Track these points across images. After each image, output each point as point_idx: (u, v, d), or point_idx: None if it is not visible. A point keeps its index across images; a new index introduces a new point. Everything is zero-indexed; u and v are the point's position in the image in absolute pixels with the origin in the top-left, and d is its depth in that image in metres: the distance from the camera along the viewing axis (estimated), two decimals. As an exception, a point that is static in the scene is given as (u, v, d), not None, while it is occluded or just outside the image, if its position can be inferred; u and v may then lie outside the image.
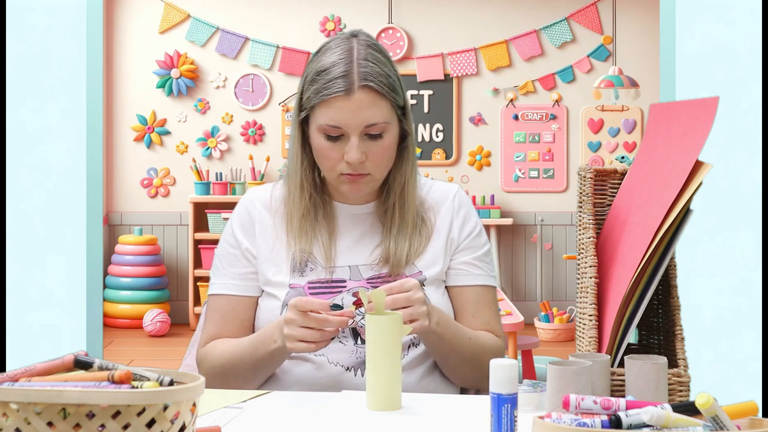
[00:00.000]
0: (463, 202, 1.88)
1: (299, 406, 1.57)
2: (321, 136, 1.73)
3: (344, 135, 1.72)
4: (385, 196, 1.83)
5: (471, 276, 1.84)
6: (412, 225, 1.81)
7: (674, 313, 1.51)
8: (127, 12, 6.98)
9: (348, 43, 1.74)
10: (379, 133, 1.72)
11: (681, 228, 1.47)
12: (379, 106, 1.71)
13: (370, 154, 1.73)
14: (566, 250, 7.01)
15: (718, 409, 1.09)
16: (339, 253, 1.80)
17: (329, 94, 1.70)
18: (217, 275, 1.85)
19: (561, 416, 1.13)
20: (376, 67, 1.72)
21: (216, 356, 1.77)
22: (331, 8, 6.98)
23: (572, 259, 6.74)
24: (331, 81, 1.70)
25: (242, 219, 1.86)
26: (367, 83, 1.70)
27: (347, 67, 1.70)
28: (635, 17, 6.93)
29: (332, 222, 1.82)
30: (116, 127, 7.01)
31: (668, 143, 1.54)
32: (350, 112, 1.70)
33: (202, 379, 1.12)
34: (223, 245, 1.86)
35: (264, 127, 7.01)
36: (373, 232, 1.83)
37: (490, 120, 7.03)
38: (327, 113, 1.71)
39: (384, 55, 1.76)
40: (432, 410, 1.54)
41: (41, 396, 1.04)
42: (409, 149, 1.81)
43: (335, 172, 1.75)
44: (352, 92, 1.69)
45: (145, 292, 6.63)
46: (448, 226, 1.85)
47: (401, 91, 1.76)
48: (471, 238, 1.85)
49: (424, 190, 1.88)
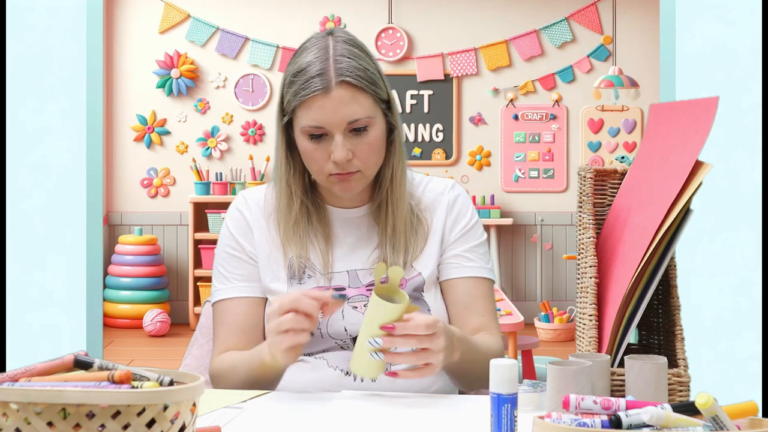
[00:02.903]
0: (458, 196, 1.83)
1: (299, 406, 1.57)
2: (305, 138, 1.68)
3: (328, 134, 1.67)
4: (376, 193, 1.79)
5: (463, 268, 1.78)
6: (406, 222, 1.76)
7: (674, 313, 1.51)
8: (127, 12, 6.98)
9: (324, 41, 1.69)
10: (363, 128, 1.67)
11: (681, 228, 1.47)
12: (359, 101, 1.66)
13: (356, 150, 1.68)
14: (566, 250, 7.02)
15: (718, 409, 1.09)
16: (336, 258, 1.77)
17: (307, 94, 1.64)
18: (222, 280, 1.79)
19: (561, 416, 1.13)
20: (353, 62, 1.66)
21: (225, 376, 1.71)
22: (331, 8, 6.98)
23: (572, 259, 6.74)
24: (308, 80, 1.65)
25: (239, 222, 1.81)
26: (344, 78, 1.64)
27: (323, 65, 1.65)
28: (635, 17, 6.93)
29: (327, 227, 1.78)
30: (116, 127, 7.01)
31: (668, 143, 1.54)
32: (330, 111, 1.64)
33: (202, 379, 1.12)
34: (224, 250, 1.81)
35: (264, 127, 7.01)
36: (369, 234, 1.79)
37: (490, 120, 7.03)
38: (308, 114, 1.66)
39: (361, 49, 1.71)
40: (432, 410, 1.54)
41: (41, 396, 1.04)
42: (396, 142, 1.76)
43: (324, 173, 1.70)
44: (330, 89, 1.64)
45: (145, 292, 6.63)
46: (442, 224, 1.80)
47: (383, 84, 1.71)
48: (463, 232, 1.80)
49: (420, 188, 1.83)
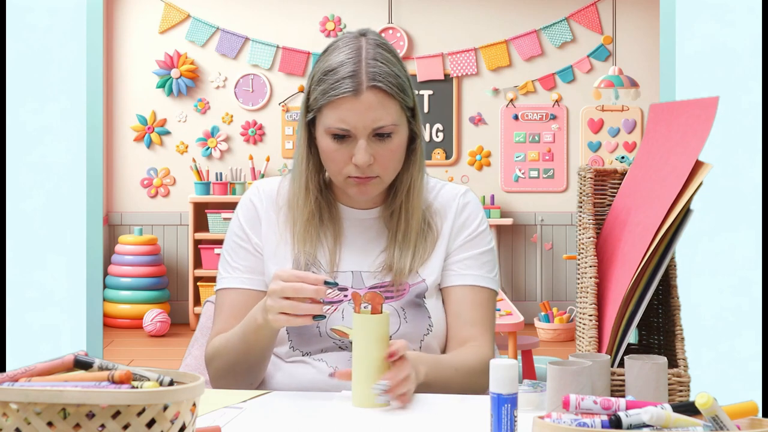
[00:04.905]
0: (468, 203, 1.82)
1: (299, 406, 1.57)
2: (328, 137, 1.68)
3: (351, 136, 1.67)
4: (391, 199, 1.78)
5: (459, 276, 1.77)
6: (417, 230, 1.76)
7: (674, 313, 1.51)
8: (127, 12, 6.98)
9: (356, 42, 1.69)
10: (387, 134, 1.67)
11: (681, 228, 1.47)
12: (387, 107, 1.66)
13: (378, 156, 1.68)
14: (566, 250, 7.01)
15: (718, 409, 1.09)
16: (343, 258, 1.77)
17: (336, 94, 1.64)
18: (227, 269, 1.80)
19: (561, 416, 1.13)
20: (385, 67, 1.66)
21: (218, 352, 1.72)
22: (331, 8, 6.98)
23: (572, 259, 6.74)
24: (338, 81, 1.65)
25: (249, 213, 1.81)
26: (376, 84, 1.65)
27: (355, 67, 1.65)
28: (635, 17, 6.93)
29: (338, 225, 1.78)
30: (116, 127, 7.01)
31: (668, 143, 1.54)
32: (358, 114, 1.64)
33: (202, 379, 1.12)
34: (232, 238, 1.81)
35: (264, 127, 7.01)
36: (378, 237, 1.78)
37: (490, 120, 7.03)
38: (334, 114, 1.65)
39: (393, 54, 1.71)
40: (432, 410, 1.54)
41: (41, 396, 1.04)
42: (417, 151, 1.77)
43: (342, 174, 1.70)
44: (360, 93, 1.64)
45: (145, 292, 6.62)
46: (450, 229, 1.80)
47: (410, 92, 1.71)
48: (469, 238, 1.80)
49: (432, 193, 1.83)
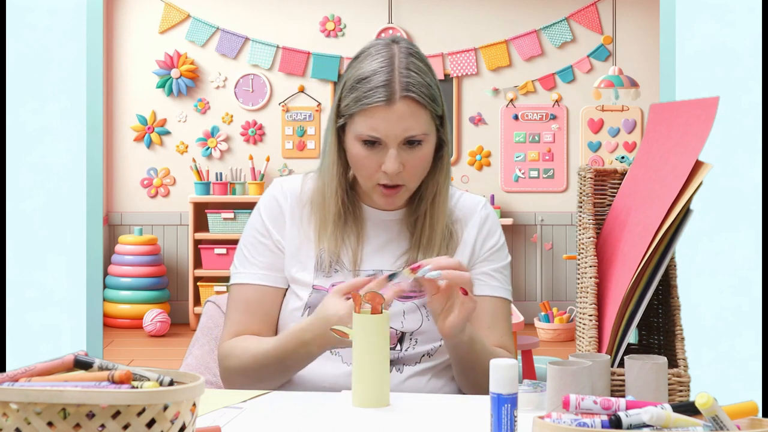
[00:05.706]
0: (489, 215, 1.86)
1: (299, 406, 1.57)
2: (358, 143, 1.70)
3: (382, 144, 1.68)
4: (416, 205, 1.80)
5: (489, 287, 1.81)
6: (441, 236, 1.78)
7: (674, 313, 1.51)
8: (127, 12, 6.98)
9: (389, 50, 1.70)
10: (417, 142, 1.69)
11: (681, 228, 1.47)
12: (419, 117, 1.67)
13: (406, 164, 1.69)
14: (566, 250, 7.01)
15: (718, 409, 1.09)
16: (365, 257, 1.78)
17: (369, 103, 1.66)
18: (244, 264, 1.81)
19: (561, 416, 1.13)
20: (418, 77, 1.68)
21: (240, 356, 1.73)
22: (331, 8, 6.98)
23: (572, 259, 6.74)
24: (371, 90, 1.66)
25: (273, 210, 1.81)
26: (409, 94, 1.66)
27: (389, 76, 1.66)
28: (635, 17, 6.93)
29: (361, 225, 1.80)
30: (116, 127, 7.01)
31: (668, 143, 1.54)
32: (390, 123, 1.66)
33: (203, 379, 1.12)
34: (252, 233, 1.82)
35: (264, 127, 7.01)
36: (400, 239, 1.80)
37: (490, 120, 7.03)
38: (366, 122, 1.67)
39: (425, 63, 1.72)
40: (432, 410, 1.54)
41: (41, 396, 1.04)
42: (444, 159, 1.78)
43: (372, 181, 1.72)
44: (393, 102, 1.65)
45: (145, 292, 6.63)
46: (474, 239, 1.82)
47: (440, 101, 1.73)
48: (492, 251, 1.83)
49: (452, 200, 1.85)
